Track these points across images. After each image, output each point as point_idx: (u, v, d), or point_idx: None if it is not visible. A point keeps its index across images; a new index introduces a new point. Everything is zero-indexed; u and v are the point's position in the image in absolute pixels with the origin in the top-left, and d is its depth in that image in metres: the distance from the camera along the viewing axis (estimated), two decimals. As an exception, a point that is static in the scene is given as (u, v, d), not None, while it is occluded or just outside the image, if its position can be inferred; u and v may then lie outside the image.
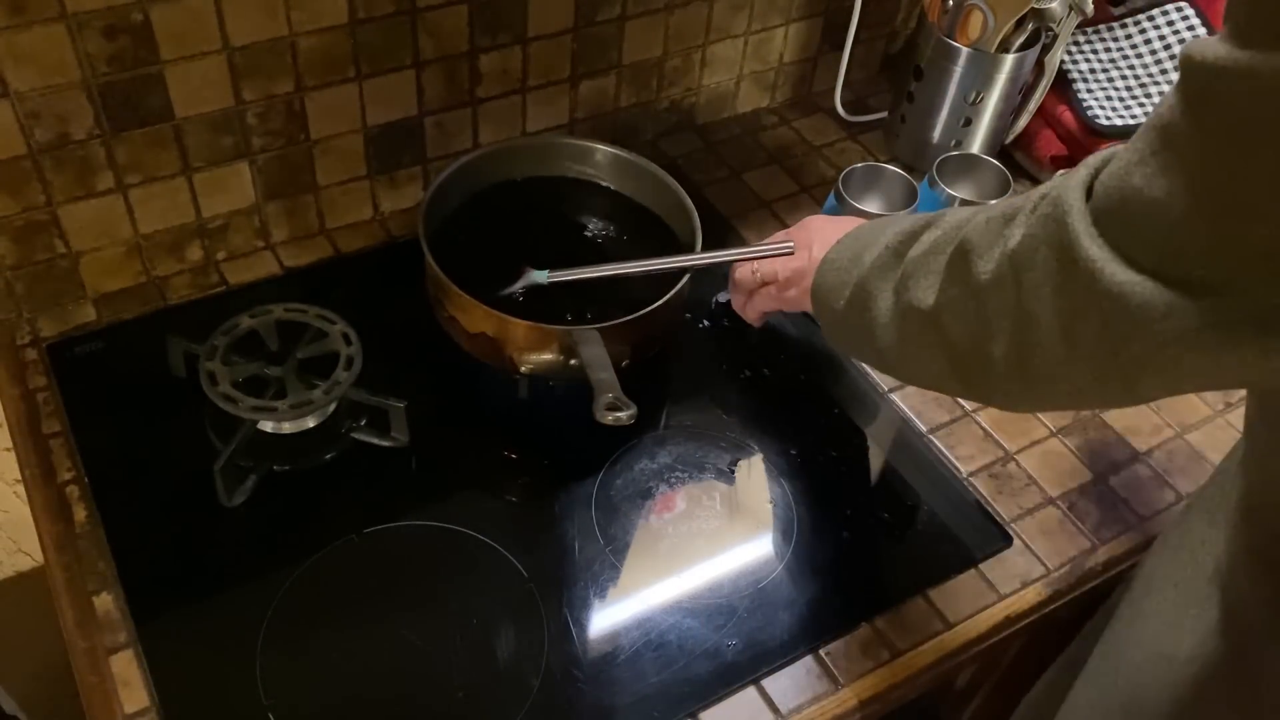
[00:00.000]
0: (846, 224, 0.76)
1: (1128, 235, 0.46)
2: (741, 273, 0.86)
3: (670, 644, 0.75)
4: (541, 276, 0.86)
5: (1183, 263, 0.44)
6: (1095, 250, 0.46)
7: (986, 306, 0.54)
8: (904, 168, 0.98)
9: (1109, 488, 0.88)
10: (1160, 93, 1.10)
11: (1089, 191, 0.48)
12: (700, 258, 0.86)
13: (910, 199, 0.94)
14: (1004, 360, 0.54)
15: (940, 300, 0.58)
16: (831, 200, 0.94)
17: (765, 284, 0.84)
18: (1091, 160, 0.50)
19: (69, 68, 0.79)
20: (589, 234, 0.93)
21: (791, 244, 0.82)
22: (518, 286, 0.86)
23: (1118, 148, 0.49)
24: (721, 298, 0.95)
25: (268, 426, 0.83)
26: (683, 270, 0.86)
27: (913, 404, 0.92)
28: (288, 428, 0.84)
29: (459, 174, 0.91)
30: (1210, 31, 1.09)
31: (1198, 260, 0.43)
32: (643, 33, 1.05)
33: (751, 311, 0.88)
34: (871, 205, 0.95)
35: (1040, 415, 0.92)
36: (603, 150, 0.96)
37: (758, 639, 0.75)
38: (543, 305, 0.85)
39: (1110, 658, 0.72)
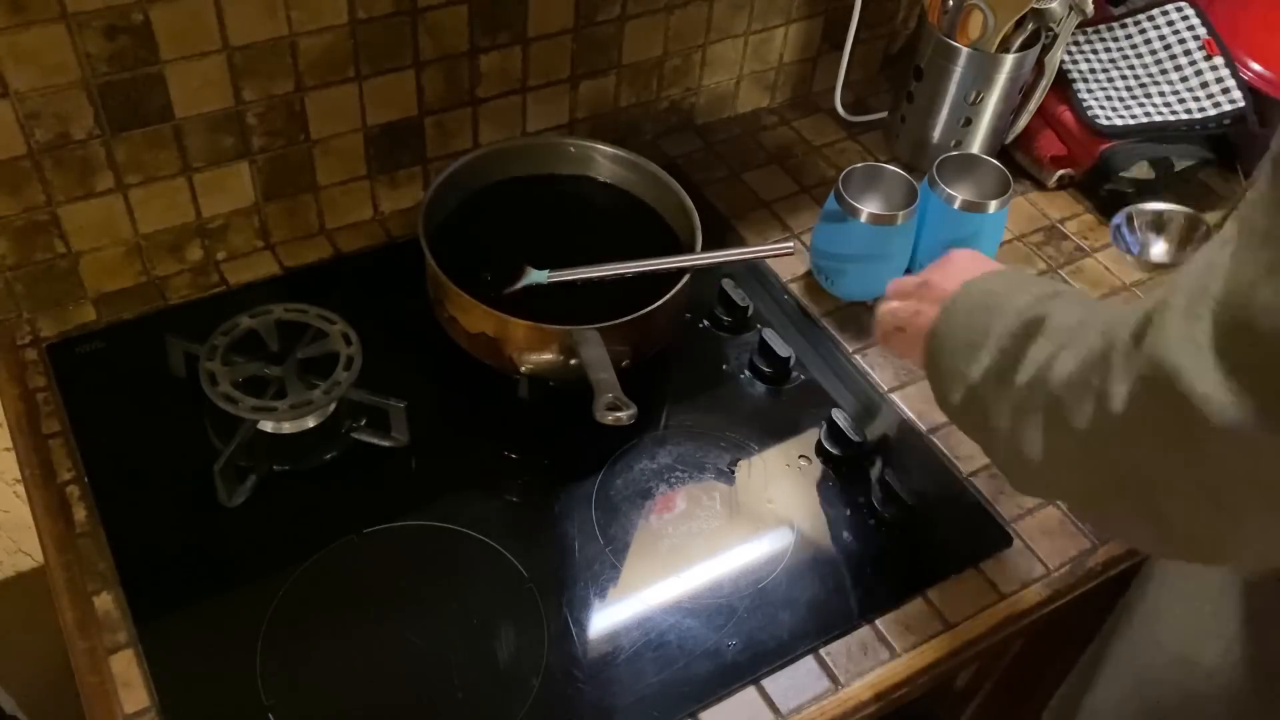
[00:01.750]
0: (978, 268, 0.70)
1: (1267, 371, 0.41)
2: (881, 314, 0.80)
3: (670, 644, 0.75)
4: (541, 276, 0.86)
5: None
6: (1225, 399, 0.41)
7: (1100, 468, 0.50)
8: (904, 168, 0.98)
9: (1109, 488, 0.88)
10: (1160, 93, 1.10)
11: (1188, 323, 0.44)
12: (699, 258, 0.86)
13: (910, 199, 0.94)
14: (1135, 512, 0.50)
15: (1049, 453, 0.54)
16: (831, 200, 0.94)
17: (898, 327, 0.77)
18: (1158, 300, 0.46)
19: (69, 68, 0.79)
20: (589, 234, 0.93)
21: (791, 245, 0.80)
22: (518, 286, 0.86)
23: (1175, 281, 0.45)
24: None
25: (268, 426, 0.83)
26: (682, 271, 0.85)
27: (913, 404, 0.92)
28: (288, 428, 0.84)
29: (459, 174, 0.91)
30: (1210, 32, 1.09)
31: None
32: (643, 33, 1.05)
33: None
34: (871, 205, 0.95)
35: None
36: (603, 150, 0.96)
37: (758, 639, 0.75)
38: (543, 305, 0.85)
39: (1130, 660, 0.71)
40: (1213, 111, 1.07)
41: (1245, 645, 0.60)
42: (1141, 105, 1.10)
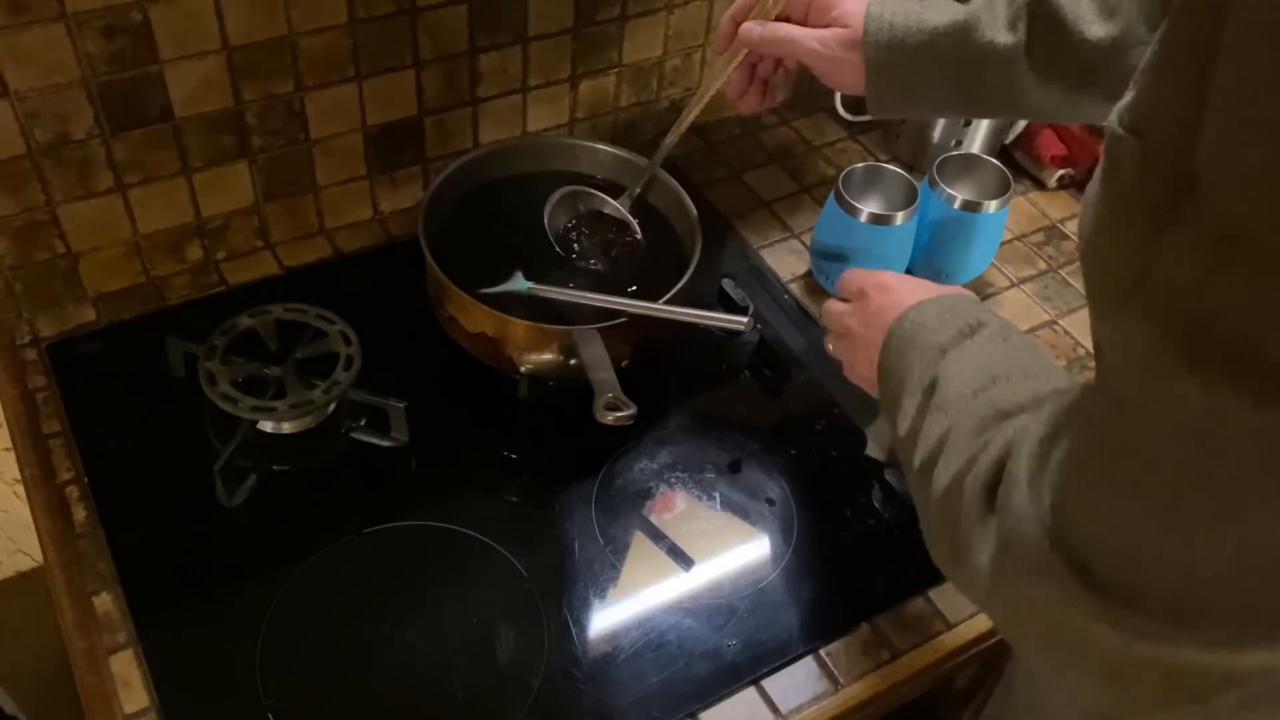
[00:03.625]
0: (904, 300, 0.69)
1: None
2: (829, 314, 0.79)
3: (670, 644, 0.75)
4: (523, 286, 0.86)
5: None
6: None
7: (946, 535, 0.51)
8: (904, 168, 0.98)
9: (1109, 488, 0.88)
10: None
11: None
12: (665, 310, 0.83)
13: (910, 199, 0.94)
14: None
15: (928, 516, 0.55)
16: (831, 200, 0.94)
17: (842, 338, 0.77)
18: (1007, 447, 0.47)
19: (68, 67, 0.79)
20: (588, 234, 0.93)
21: (744, 321, 0.82)
22: (499, 289, 0.85)
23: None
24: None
25: (267, 426, 0.83)
26: (648, 316, 0.84)
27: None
28: (287, 428, 0.84)
29: (459, 174, 0.91)
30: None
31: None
32: (643, 33, 1.05)
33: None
34: (872, 205, 0.95)
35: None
36: (603, 150, 0.96)
37: (758, 639, 0.75)
38: (543, 305, 0.85)
39: None
40: (1213, 111, 1.07)
41: None
42: (1142, 105, 1.10)
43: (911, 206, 0.93)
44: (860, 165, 0.97)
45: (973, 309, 0.63)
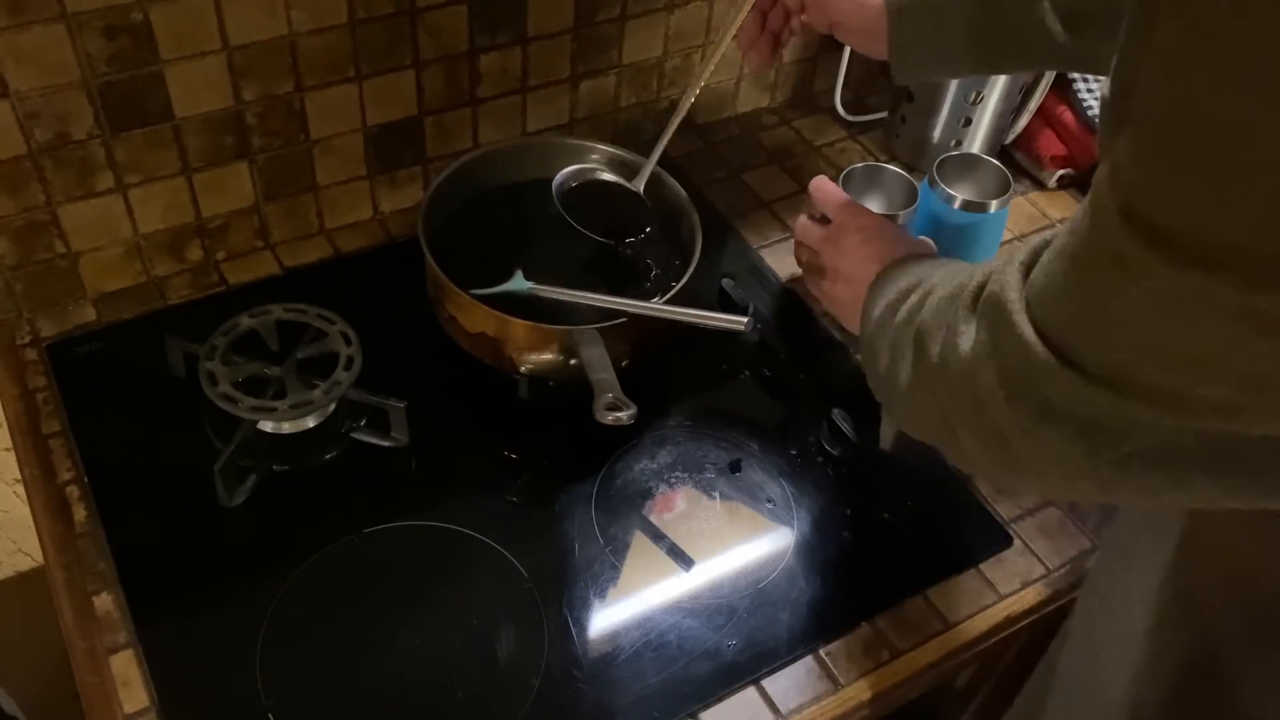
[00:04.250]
0: (882, 246, 0.72)
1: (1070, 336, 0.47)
2: (800, 232, 0.83)
3: (670, 644, 0.75)
4: (523, 286, 0.86)
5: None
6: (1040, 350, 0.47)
7: (940, 394, 0.54)
8: (904, 168, 0.98)
9: (1109, 488, 0.88)
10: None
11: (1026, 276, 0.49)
12: (665, 310, 0.84)
13: (910, 199, 0.94)
14: (976, 449, 0.53)
15: (911, 382, 0.57)
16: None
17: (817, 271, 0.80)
18: (1028, 250, 0.51)
19: (69, 67, 0.79)
20: (588, 234, 0.93)
21: (744, 321, 0.83)
22: (499, 289, 0.85)
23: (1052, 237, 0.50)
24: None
25: (267, 426, 0.83)
26: (648, 316, 0.84)
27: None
28: (288, 428, 0.84)
29: (459, 174, 0.91)
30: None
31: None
32: (643, 33, 1.05)
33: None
34: (872, 205, 0.95)
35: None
36: (603, 150, 0.96)
37: (758, 639, 0.75)
38: (543, 305, 0.85)
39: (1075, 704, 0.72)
40: (1213, 111, 1.07)
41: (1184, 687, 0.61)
42: (1142, 105, 1.10)
43: (911, 206, 0.93)
44: (860, 165, 0.97)
45: (948, 262, 0.65)
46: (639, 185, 0.92)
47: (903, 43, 0.78)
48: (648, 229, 0.90)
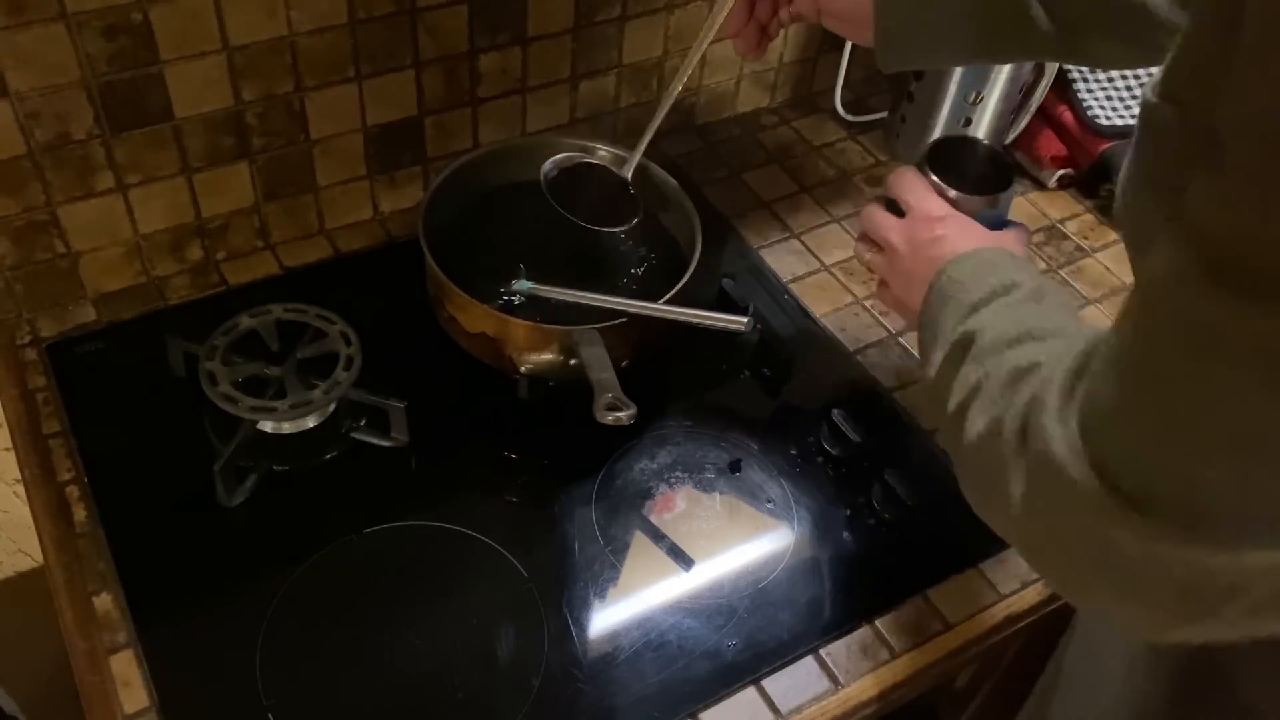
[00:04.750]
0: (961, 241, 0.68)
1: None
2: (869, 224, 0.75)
3: (670, 644, 0.75)
4: (523, 285, 0.86)
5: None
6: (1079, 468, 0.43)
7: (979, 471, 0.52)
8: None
9: (1109, 488, 0.88)
10: (1160, 92, 1.10)
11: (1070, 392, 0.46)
12: (665, 310, 0.83)
13: (1004, 179, 0.91)
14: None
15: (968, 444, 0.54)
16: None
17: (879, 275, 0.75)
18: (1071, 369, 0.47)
19: (69, 68, 0.79)
20: (589, 235, 0.93)
21: (744, 321, 0.82)
22: (513, 291, 0.85)
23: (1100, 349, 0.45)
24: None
25: (267, 426, 0.83)
26: (648, 316, 0.84)
27: (914, 403, 0.92)
28: (288, 428, 0.84)
29: (459, 174, 0.91)
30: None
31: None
32: (643, 33, 1.05)
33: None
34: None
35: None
36: (603, 150, 0.96)
37: (758, 639, 0.75)
38: (543, 305, 0.85)
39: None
40: (1213, 111, 1.07)
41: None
42: (1141, 105, 1.10)
43: (1009, 189, 0.90)
44: (947, 136, 0.94)
45: (1009, 267, 0.63)
46: (627, 173, 0.91)
47: (888, 28, 0.76)
48: (635, 219, 0.90)
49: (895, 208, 0.74)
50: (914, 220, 0.71)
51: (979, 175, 0.76)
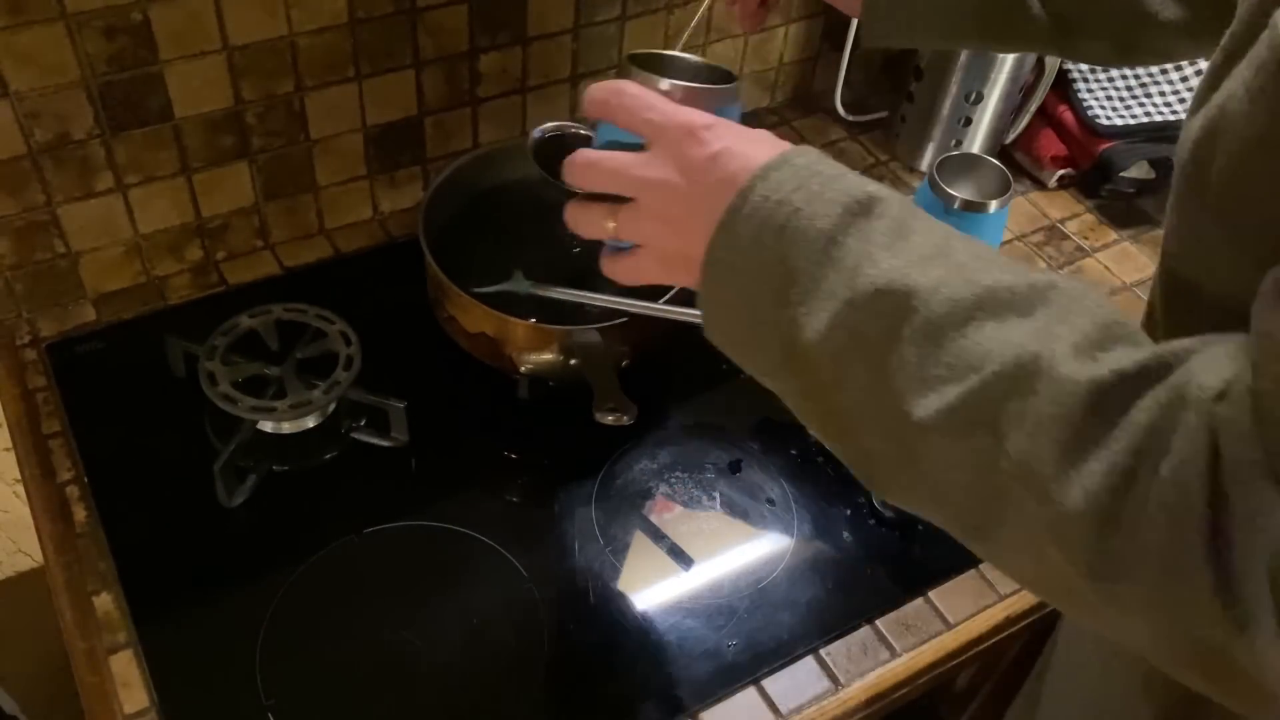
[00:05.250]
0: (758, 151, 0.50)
1: None
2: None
3: (670, 644, 0.75)
4: (523, 285, 0.86)
5: None
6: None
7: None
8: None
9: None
10: (1160, 92, 1.10)
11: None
12: (665, 310, 0.82)
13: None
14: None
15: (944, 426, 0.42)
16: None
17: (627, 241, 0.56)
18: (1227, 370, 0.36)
19: (68, 68, 0.79)
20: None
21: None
22: (496, 288, 0.85)
23: (1253, 379, 0.35)
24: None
25: (267, 426, 0.83)
26: (648, 316, 0.83)
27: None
28: (287, 428, 0.84)
29: (459, 174, 0.91)
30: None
31: None
32: (643, 32, 1.05)
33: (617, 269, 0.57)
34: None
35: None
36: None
37: (758, 639, 0.75)
38: (543, 305, 0.85)
39: None
40: (1213, 111, 1.07)
41: None
42: (1142, 105, 1.10)
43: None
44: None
45: (842, 173, 0.48)
46: None
47: (876, 1, 0.74)
48: None
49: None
50: (673, 139, 0.51)
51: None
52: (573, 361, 0.82)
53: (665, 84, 0.55)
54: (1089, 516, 0.37)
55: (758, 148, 0.50)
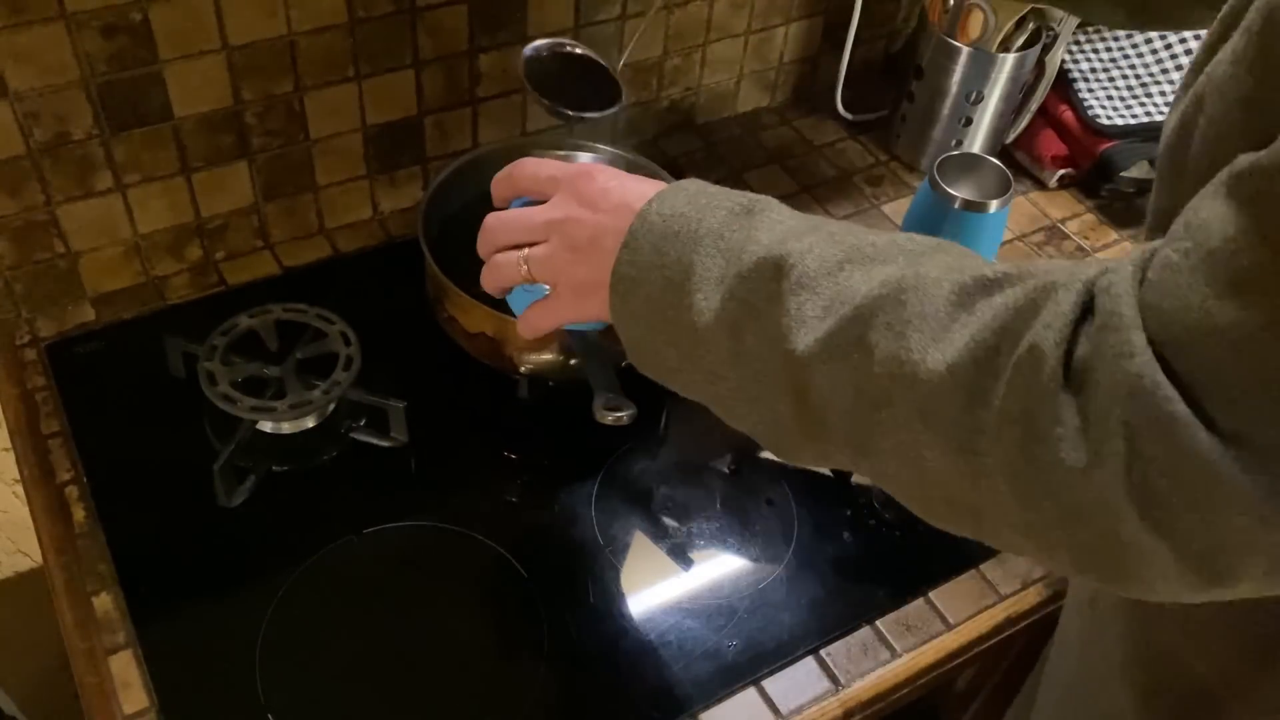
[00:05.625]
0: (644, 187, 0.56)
1: (1201, 384, 0.35)
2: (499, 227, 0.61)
3: (670, 644, 0.75)
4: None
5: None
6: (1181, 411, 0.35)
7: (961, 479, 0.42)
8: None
9: (1110, 488, 0.88)
10: (1161, 92, 1.10)
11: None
12: None
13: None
14: (1042, 552, 0.42)
15: (820, 352, 0.45)
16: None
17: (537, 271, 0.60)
18: (1135, 260, 0.39)
19: (68, 67, 0.79)
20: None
21: None
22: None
23: (1159, 249, 0.38)
24: None
25: (267, 427, 0.83)
26: None
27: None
28: (287, 428, 0.84)
29: (459, 174, 0.91)
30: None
31: None
32: (643, 33, 1.04)
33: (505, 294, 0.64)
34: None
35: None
36: (603, 150, 0.96)
37: (758, 639, 0.75)
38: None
39: None
40: (1213, 111, 1.07)
41: None
42: (1143, 105, 1.10)
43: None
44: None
45: (720, 191, 0.54)
46: (615, 65, 0.90)
47: None
48: (619, 104, 0.86)
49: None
50: (571, 182, 0.58)
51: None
52: (573, 361, 0.82)
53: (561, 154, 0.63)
54: (955, 389, 0.40)
55: (646, 184, 0.56)
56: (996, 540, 0.45)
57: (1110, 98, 1.11)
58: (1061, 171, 1.14)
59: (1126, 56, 1.13)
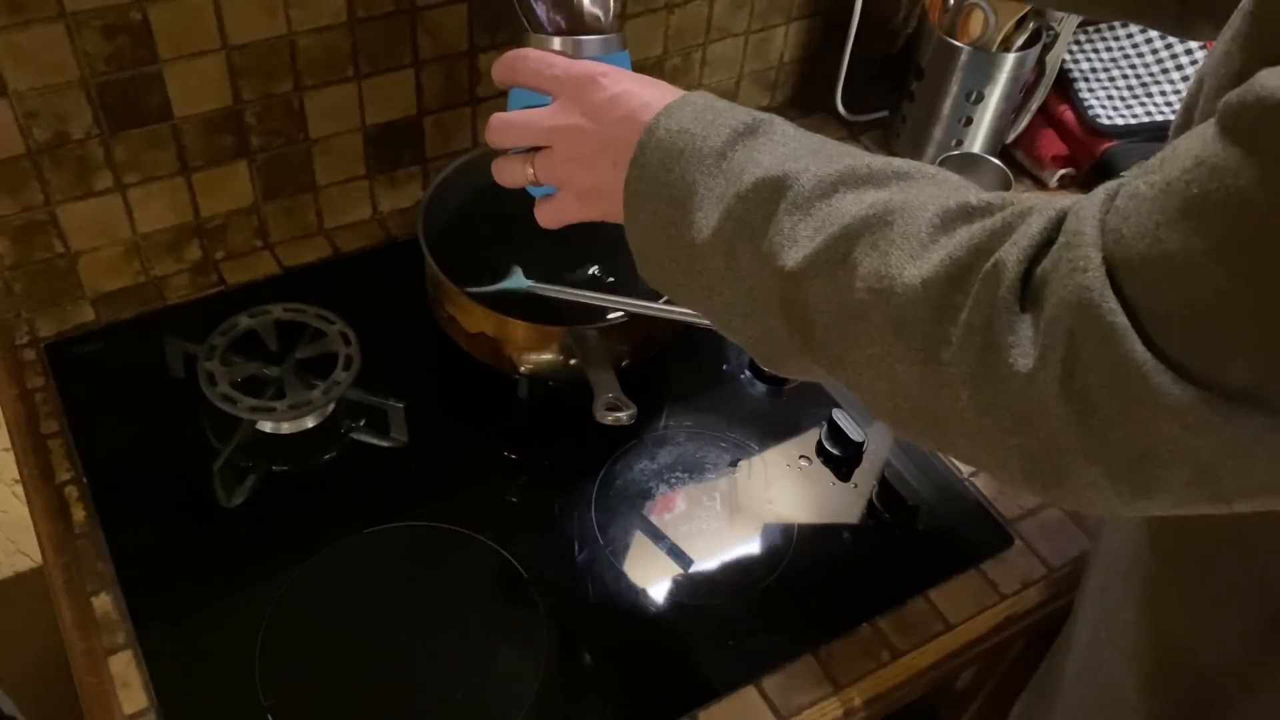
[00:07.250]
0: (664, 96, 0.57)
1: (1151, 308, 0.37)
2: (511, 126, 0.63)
3: (670, 644, 0.75)
4: (523, 284, 0.86)
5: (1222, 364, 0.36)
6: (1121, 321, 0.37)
7: (924, 387, 0.44)
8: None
9: (1110, 488, 0.88)
10: (1161, 92, 1.10)
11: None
12: (665, 310, 0.82)
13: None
14: (992, 461, 0.44)
15: (810, 267, 0.47)
16: None
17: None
18: (1106, 190, 0.40)
19: (67, 67, 0.79)
20: (589, 234, 0.93)
21: None
22: (496, 287, 0.85)
23: (1132, 179, 0.40)
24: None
25: (266, 427, 0.83)
26: (648, 316, 0.83)
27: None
28: (286, 428, 0.84)
29: (459, 174, 0.91)
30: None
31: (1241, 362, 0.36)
32: (643, 32, 1.04)
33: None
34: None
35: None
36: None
37: (758, 639, 0.75)
38: (543, 305, 0.85)
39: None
40: (1214, 111, 1.07)
41: None
42: (1143, 104, 1.10)
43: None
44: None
45: (728, 106, 0.55)
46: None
47: None
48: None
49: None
50: (574, 90, 0.59)
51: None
52: (573, 361, 0.82)
53: (557, 43, 0.64)
54: (925, 302, 0.43)
55: (653, 89, 0.57)
56: (955, 451, 0.46)
57: (1110, 98, 1.11)
58: (1062, 171, 1.13)
59: (1127, 56, 1.13)
